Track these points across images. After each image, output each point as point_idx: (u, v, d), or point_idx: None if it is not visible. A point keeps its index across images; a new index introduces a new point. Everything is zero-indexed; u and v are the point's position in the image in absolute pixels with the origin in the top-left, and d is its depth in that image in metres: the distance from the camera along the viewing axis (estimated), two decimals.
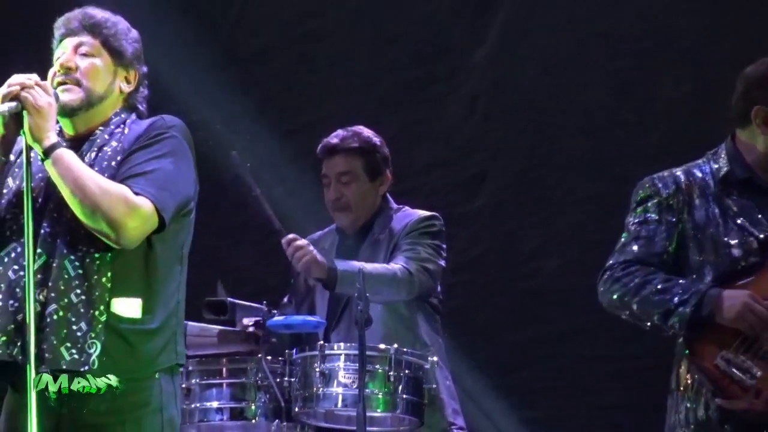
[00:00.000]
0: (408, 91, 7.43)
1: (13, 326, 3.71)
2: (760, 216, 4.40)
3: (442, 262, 5.34)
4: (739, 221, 4.38)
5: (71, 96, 3.83)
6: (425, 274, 5.25)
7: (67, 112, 3.82)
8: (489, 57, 7.34)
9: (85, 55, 3.89)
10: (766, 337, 4.46)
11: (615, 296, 4.44)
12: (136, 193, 3.64)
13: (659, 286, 4.42)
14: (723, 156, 4.48)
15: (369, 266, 5.16)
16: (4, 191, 3.84)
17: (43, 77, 3.83)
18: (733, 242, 4.38)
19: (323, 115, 7.08)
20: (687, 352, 4.50)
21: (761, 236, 4.36)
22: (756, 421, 4.44)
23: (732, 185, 4.41)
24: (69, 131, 3.85)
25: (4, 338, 3.72)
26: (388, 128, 6.07)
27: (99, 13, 4.00)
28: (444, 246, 5.43)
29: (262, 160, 6.19)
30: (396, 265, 5.22)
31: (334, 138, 5.49)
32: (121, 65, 3.94)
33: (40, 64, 4.01)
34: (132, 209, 3.58)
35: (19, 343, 3.70)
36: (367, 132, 5.51)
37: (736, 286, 4.43)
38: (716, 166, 4.50)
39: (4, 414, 3.86)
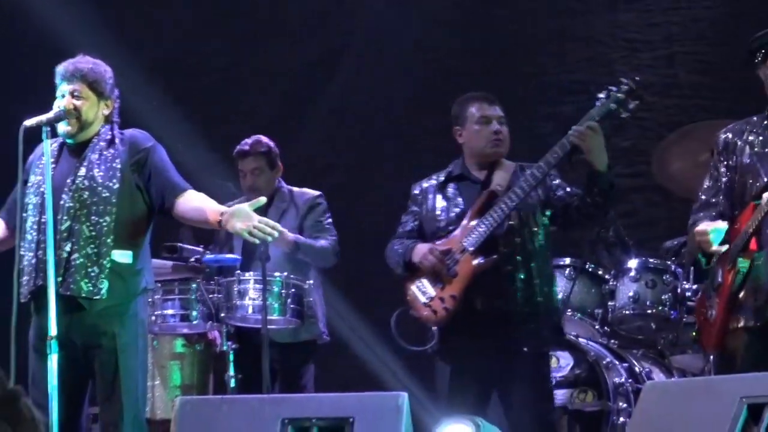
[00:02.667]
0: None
1: (39, 267, 5.00)
2: None
3: None
4: None
5: (70, 128, 5.17)
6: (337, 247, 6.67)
7: (70, 135, 5.19)
8: None
9: (77, 97, 5.18)
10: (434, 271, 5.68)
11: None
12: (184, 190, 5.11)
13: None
14: None
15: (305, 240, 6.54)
16: (30, 184, 5.13)
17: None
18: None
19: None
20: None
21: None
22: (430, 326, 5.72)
23: None
24: (72, 143, 5.20)
25: (33, 274, 5.03)
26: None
27: (85, 65, 5.23)
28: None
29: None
30: (326, 243, 6.61)
31: (245, 145, 6.87)
32: (102, 98, 5.24)
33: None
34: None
35: (42, 276, 4.95)
36: (265, 139, 6.90)
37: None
38: None
39: (33, 330, 5.12)
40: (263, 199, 5.17)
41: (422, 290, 5.78)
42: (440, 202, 5.88)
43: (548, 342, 5.90)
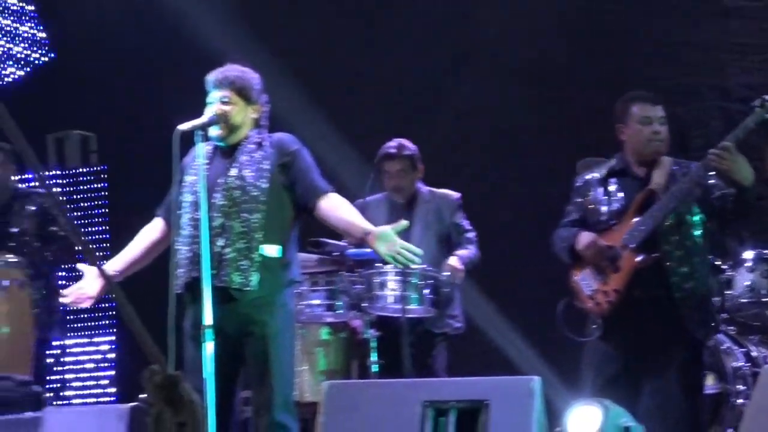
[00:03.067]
0: None
1: (194, 260, 5.24)
2: None
3: None
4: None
5: (221, 131, 5.40)
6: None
7: (221, 138, 5.42)
8: None
9: (226, 103, 5.42)
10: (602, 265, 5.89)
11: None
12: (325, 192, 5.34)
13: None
14: None
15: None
16: (185, 184, 5.37)
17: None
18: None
19: None
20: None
21: None
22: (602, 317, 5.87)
23: None
24: (224, 145, 5.43)
25: (188, 267, 5.28)
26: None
27: (233, 73, 5.48)
28: None
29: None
30: (475, 249, 7.00)
31: (391, 148, 7.21)
32: (250, 104, 5.46)
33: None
34: None
35: (197, 269, 5.16)
36: (408, 142, 7.27)
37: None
38: None
39: (188, 320, 5.34)
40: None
41: (586, 282, 6.02)
42: (602, 195, 6.08)
43: (708, 332, 6.09)
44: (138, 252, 5.62)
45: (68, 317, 8.15)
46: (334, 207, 5.42)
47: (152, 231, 5.64)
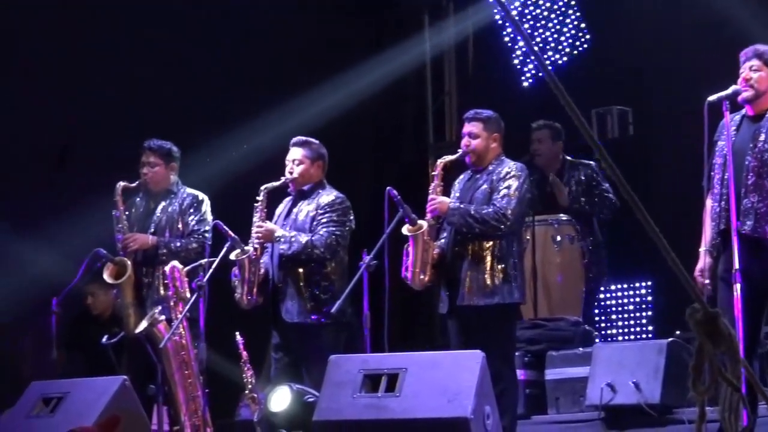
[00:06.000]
0: None
1: (721, 214, 6.02)
2: None
3: None
4: None
5: (747, 93, 6.01)
6: None
7: (749, 99, 6.04)
8: None
9: (756, 70, 6.05)
10: None
11: None
12: None
13: None
14: None
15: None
16: (717, 149, 6.17)
17: None
18: None
19: None
20: None
21: None
22: None
23: None
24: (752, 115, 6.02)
25: (717, 220, 5.96)
26: None
27: (762, 47, 6.12)
28: None
29: None
30: None
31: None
32: None
33: None
34: None
35: (724, 221, 5.93)
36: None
37: None
38: None
39: (721, 264, 6.02)
40: None
41: None
42: None
43: None
44: None
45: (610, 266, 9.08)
46: None
47: None
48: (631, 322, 9.85)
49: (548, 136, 9.02)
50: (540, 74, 10.52)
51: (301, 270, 7.16)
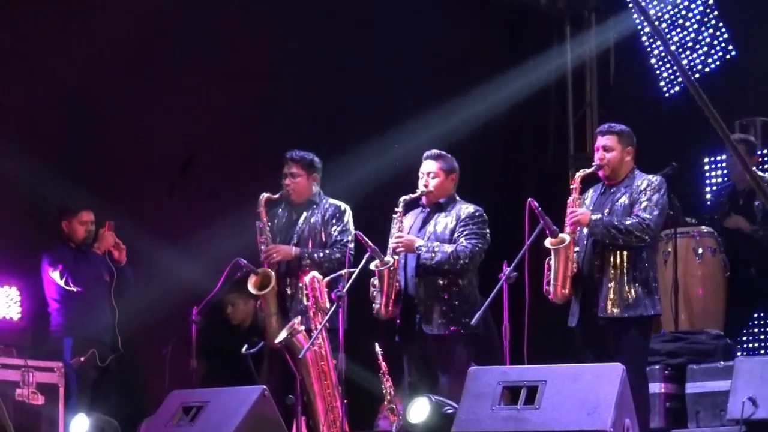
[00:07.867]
0: None
1: None
2: None
3: None
4: None
5: None
6: None
7: None
8: None
9: None
10: None
11: None
12: None
13: None
14: None
15: None
16: None
17: None
18: None
19: None
20: None
21: None
22: None
23: None
24: None
25: None
26: None
27: None
28: None
29: None
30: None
31: None
32: None
33: None
34: None
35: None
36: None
37: None
38: None
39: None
40: None
41: None
42: None
43: None
44: None
45: None
46: None
47: None
48: None
49: (744, 151, 8.90)
50: (682, 84, 10.43)
51: (440, 281, 7.20)
